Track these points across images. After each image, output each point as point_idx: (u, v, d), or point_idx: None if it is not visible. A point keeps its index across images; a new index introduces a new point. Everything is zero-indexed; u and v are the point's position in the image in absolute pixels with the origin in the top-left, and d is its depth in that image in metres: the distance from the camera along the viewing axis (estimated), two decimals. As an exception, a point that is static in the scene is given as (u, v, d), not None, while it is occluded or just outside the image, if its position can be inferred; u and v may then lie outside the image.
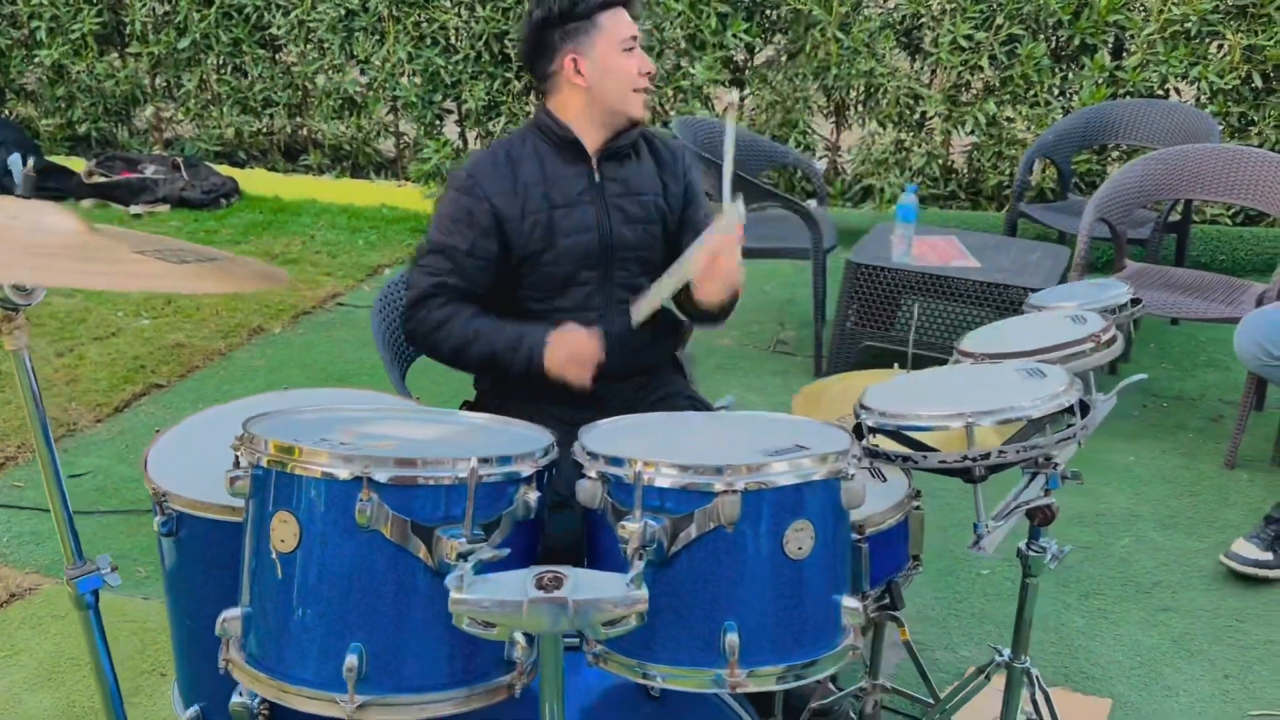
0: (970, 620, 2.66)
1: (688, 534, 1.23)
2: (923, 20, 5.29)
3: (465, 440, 1.38)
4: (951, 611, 2.69)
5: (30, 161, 5.91)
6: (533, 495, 1.28)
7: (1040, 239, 4.60)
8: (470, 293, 2.04)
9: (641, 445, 1.34)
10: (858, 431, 1.55)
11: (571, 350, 1.92)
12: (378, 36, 6.04)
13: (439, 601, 1.10)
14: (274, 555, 1.24)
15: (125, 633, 2.56)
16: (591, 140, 2.05)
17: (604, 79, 1.98)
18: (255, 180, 6.36)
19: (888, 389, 1.61)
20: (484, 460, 1.23)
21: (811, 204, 4.31)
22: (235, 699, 1.57)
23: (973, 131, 5.32)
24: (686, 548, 1.23)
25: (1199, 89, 4.96)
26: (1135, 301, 1.90)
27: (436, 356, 2.09)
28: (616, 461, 1.26)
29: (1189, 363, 4.18)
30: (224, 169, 6.36)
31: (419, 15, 5.90)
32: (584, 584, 1.09)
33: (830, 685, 2.05)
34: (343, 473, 1.20)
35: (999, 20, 5.07)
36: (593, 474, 1.29)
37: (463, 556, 1.17)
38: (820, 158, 5.78)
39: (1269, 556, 2.78)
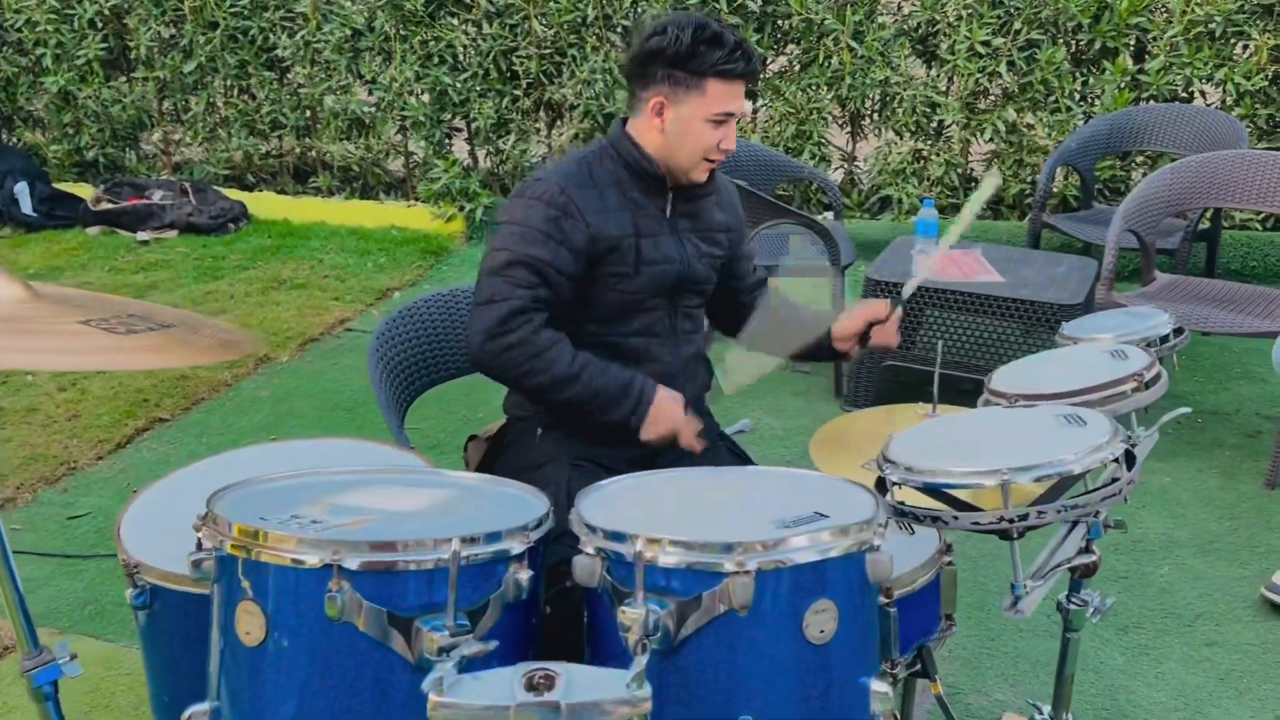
0: (1004, 660, 2.52)
1: (696, 619, 1.11)
2: (938, 27, 5.16)
3: (451, 510, 1.26)
4: (984, 650, 2.55)
5: None
6: (524, 574, 1.16)
7: (1064, 249, 4.46)
8: (557, 310, 1.90)
9: (645, 516, 1.22)
10: (881, 485, 1.42)
11: (671, 425, 1.88)
12: (384, 56, 5.96)
13: (421, 701, 0.98)
14: (239, 648, 1.12)
15: (121, 687, 2.46)
16: (668, 176, 1.98)
17: (680, 137, 1.90)
18: (264, 204, 6.28)
19: (913, 438, 1.48)
20: (468, 540, 1.11)
21: (828, 217, 4.19)
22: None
23: (991, 139, 5.18)
24: (695, 634, 1.11)
25: (1225, 91, 4.80)
26: (1178, 331, 1.77)
27: (522, 383, 1.87)
28: (617, 537, 1.14)
29: (1223, 375, 4.03)
30: (233, 192, 6.28)
31: (425, 34, 5.81)
32: (579, 684, 0.98)
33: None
34: (311, 559, 1.08)
35: (1017, 25, 4.93)
36: (590, 549, 1.17)
37: (445, 651, 1.06)
38: (836, 169, 5.65)
39: (1313, 586, 2.64)
